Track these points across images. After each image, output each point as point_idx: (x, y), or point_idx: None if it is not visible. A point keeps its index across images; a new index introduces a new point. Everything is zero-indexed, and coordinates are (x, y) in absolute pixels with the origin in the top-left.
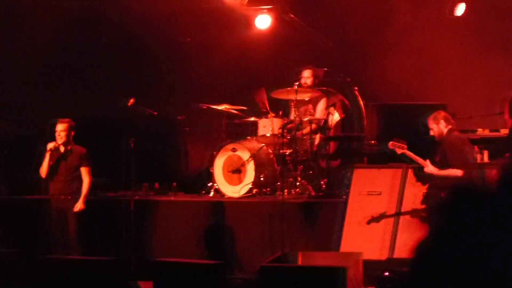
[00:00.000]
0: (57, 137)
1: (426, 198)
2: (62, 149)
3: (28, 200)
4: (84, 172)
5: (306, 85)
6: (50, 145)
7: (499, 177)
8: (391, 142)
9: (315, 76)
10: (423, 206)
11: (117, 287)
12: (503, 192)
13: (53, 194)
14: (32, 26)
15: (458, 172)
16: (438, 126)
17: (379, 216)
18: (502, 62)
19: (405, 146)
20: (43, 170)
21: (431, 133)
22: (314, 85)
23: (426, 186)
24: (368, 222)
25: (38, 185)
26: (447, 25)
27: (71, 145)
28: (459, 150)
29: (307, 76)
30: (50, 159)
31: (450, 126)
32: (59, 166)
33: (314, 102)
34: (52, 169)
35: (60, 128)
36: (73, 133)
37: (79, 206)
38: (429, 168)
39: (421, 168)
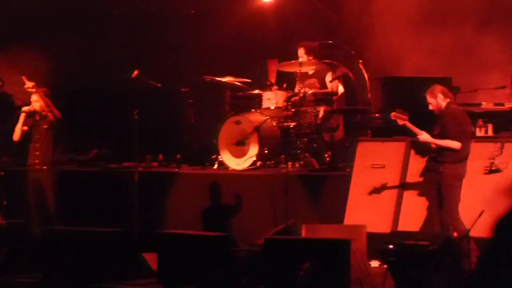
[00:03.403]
0: (33, 104)
1: (425, 171)
2: (37, 116)
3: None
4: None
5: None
6: (25, 108)
7: None
8: (393, 113)
9: (308, 51)
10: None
11: (123, 257)
12: None
13: (30, 164)
14: None
15: (455, 144)
16: (436, 100)
17: (383, 189)
18: (509, 37)
19: (407, 118)
20: (16, 133)
21: (430, 107)
22: (318, 58)
23: (425, 159)
24: (372, 194)
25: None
26: None
27: (48, 113)
28: (458, 122)
29: (300, 55)
30: (24, 123)
31: (448, 100)
32: (34, 134)
33: (318, 75)
34: (28, 138)
35: (35, 97)
36: (49, 101)
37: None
38: (423, 136)
39: (416, 138)
